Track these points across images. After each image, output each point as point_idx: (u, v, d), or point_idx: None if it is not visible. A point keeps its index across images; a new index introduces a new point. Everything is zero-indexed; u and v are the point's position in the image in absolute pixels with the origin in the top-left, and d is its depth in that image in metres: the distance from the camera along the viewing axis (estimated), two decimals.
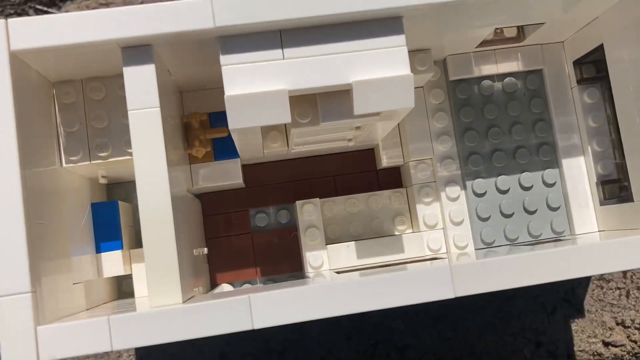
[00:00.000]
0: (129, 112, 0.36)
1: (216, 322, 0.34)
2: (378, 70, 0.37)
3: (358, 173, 0.53)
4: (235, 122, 0.36)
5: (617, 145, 0.47)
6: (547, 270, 0.37)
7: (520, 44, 0.48)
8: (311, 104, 0.40)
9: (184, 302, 0.36)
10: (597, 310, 0.65)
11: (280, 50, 0.37)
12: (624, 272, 0.66)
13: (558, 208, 0.48)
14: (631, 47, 0.41)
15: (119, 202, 0.47)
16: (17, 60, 0.36)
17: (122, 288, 0.52)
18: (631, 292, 0.65)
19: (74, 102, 0.42)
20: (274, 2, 0.37)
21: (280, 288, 0.35)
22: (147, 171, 0.36)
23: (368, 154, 0.54)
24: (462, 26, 0.42)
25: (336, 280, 0.35)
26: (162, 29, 0.36)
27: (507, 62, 0.49)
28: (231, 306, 0.34)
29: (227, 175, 0.48)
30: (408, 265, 0.45)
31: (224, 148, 0.47)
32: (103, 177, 0.48)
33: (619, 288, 0.65)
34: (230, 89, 0.37)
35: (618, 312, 0.65)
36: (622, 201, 0.45)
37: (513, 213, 0.48)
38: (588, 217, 0.48)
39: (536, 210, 0.48)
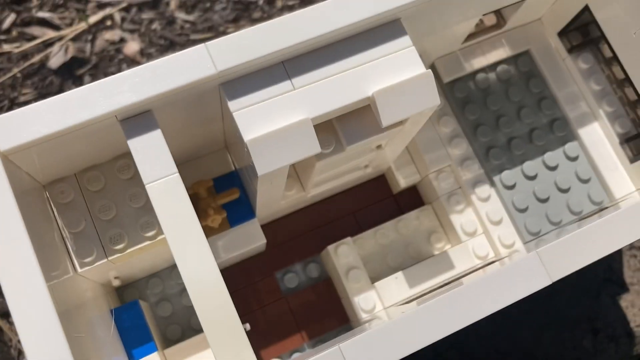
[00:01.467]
0: (146, 187, 0.32)
1: None
2: (394, 76, 0.35)
3: (376, 203, 0.50)
4: (263, 166, 0.33)
5: (627, 101, 0.46)
6: (625, 232, 0.35)
7: (502, 30, 0.48)
8: (330, 132, 0.37)
9: None
10: (639, 281, 0.63)
11: (288, 82, 0.35)
12: None
13: (589, 179, 0.47)
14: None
15: (139, 301, 0.42)
16: (8, 163, 0.32)
17: None
18: None
19: (72, 200, 0.37)
20: (268, 34, 0.34)
21: (365, 331, 0.31)
22: (184, 242, 0.32)
23: (380, 182, 0.51)
24: (453, 20, 0.41)
25: (425, 304, 0.31)
26: (163, 87, 0.32)
27: (494, 50, 0.48)
28: None
29: (248, 239, 0.43)
30: (467, 277, 0.41)
31: (237, 212, 0.44)
32: (116, 278, 0.43)
33: None
34: (248, 134, 0.33)
35: None
36: None
37: (549, 197, 0.46)
38: (621, 179, 0.46)
39: (570, 188, 0.46)
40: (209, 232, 0.43)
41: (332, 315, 0.48)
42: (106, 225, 0.37)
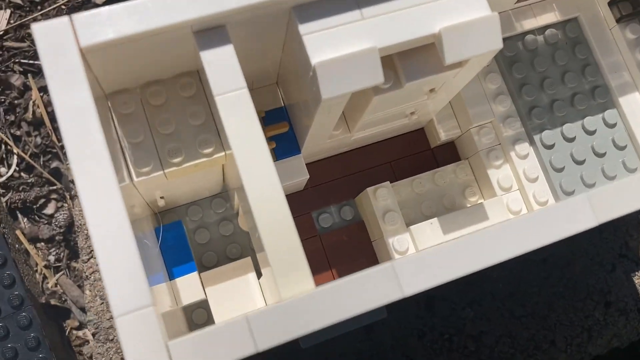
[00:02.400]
0: (215, 98, 0.33)
1: (365, 298, 0.31)
2: (461, 15, 0.36)
3: (414, 155, 0.52)
4: (328, 90, 0.34)
5: None
6: None
7: None
8: (390, 67, 0.38)
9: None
10: None
11: (358, 11, 0.35)
12: None
13: (625, 147, 0.48)
14: None
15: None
16: (84, 62, 0.32)
17: (193, 319, 0.47)
18: None
19: (133, 112, 0.38)
20: None
21: (421, 251, 0.32)
22: (250, 155, 0.33)
23: (419, 135, 0.52)
24: None
25: (480, 231, 0.33)
26: (240, 2, 0.33)
27: (545, 14, 0.49)
28: (376, 277, 0.31)
29: (292, 172, 0.45)
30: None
31: (284, 146, 0.45)
32: (161, 197, 0.44)
33: None
34: (316, 57, 0.34)
35: None
36: None
37: (585, 159, 0.47)
38: None
39: (605, 153, 0.48)
40: None
41: (362, 257, 0.49)
42: (165, 138, 0.38)
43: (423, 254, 0.32)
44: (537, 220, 0.33)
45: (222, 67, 0.34)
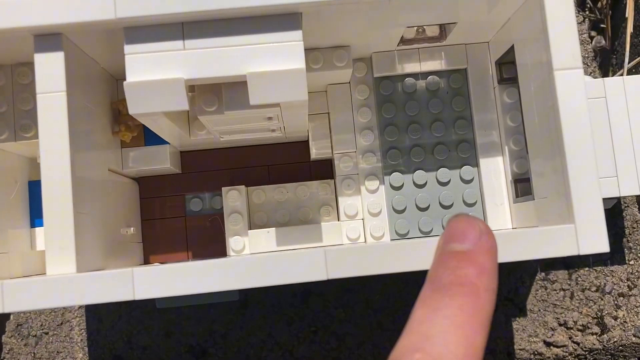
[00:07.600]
0: (37, 95, 0.39)
1: (98, 291, 0.37)
2: (273, 63, 0.39)
3: (292, 164, 0.56)
4: (134, 107, 0.39)
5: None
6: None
7: (444, 43, 0.50)
8: (217, 94, 0.42)
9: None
10: (539, 310, 0.65)
11: (181, 42, 0.40)
12: (569, 274, 0.66)
13: (474, 204, 0.50)
14: (533, 50, 0.42)
15: None
16: None
17: None
18: (575, 294, 0.66)
19: (3, 85, 0.45)
20: None
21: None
22: (51, 150, 0.39)
23: (303, 146, 0.56)
24: (372, 25, 0.44)
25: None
26: (68, 19, 0.38)
27: (431, 60, 0.50)
28: (114, 278, 0.37)
29: (154, 159, 0.50)
30: None
31: (156, 134, 0.50)
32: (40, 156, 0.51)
33: (563, 289, 0.66)
34: (132, 77, 0.39)
35: (561, 313, 0.65)
36: (530, 199, 0.46)
37: (428, 206, 0.50)
38: (502, 214, 0.49)
39: (452, 205, 0.50)
40: (124, 144, 0.50)
41: (217, 244, 0.54)
42: (22, 114, 0.45)
43: (160, 268, 0.37)
44: (274, 261, 0.37)
45: (48, 71, 0.39)
